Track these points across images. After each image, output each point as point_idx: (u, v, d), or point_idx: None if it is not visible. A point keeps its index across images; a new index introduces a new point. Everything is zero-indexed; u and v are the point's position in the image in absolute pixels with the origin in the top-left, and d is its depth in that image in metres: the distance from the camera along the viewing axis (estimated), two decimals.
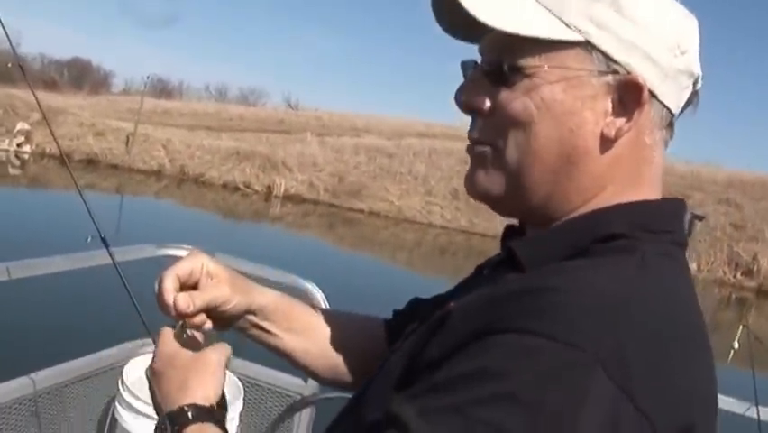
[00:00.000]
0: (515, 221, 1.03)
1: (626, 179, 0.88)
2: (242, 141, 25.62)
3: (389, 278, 14.37)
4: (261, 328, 1.18)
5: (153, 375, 1.03)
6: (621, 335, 0.73)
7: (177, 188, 21.28)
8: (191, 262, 1.10)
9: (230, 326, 1.17)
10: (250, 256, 2.74)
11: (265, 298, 1.18)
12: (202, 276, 1.10)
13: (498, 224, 20.00)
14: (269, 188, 22.07)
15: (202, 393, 0.98)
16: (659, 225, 0.87)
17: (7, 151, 20.28)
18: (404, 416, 0.74)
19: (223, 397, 1.02)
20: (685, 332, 0.79)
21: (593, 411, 0.69)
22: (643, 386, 0.71)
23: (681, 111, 0.91)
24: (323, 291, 2.71)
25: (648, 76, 0.84)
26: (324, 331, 1.23)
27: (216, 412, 0.98)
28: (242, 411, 2.63)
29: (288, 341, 1.20)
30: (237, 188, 21.96)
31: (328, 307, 2.52)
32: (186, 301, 1.05)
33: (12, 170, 19.77)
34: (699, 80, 0.91)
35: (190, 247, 2.76)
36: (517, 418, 0.69)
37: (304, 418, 2.75)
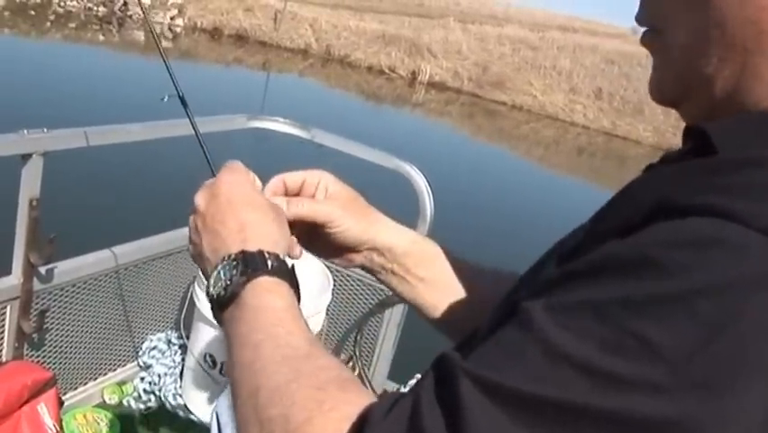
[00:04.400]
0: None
1: None
2: (387, 23, 25.22)
3: (517, 170, 13.95)
4: (391, 271, 1.03)
5: (220, 200, 0.84)
6: None
7: (322, 67, 21.30)
8: (307, 173, 0.96)
9: (338, 256, 1.01)
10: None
11: (393, 237, 1.01)
12: (318, 192, 0.96)
13: (641, 130, 18.93)
14: (414, 74, 21.69)
15: (284, 246, 0.81)
16: None
17: (161, 23, 20.78)
18: (530, 308, 0.53)
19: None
20: None
21: None
22: None
23: None
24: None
25: None
26: (458, 290, 1.03)
27: (295, 277, 0.79)
28: (330, 303, 2.48)
29: (420, 291, 1.03)
30: (382, 72, 21.72)
31: (430, 192, 2.35)
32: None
33: (165, 43, 20.34)
34: None
35: (285, 120, 2.56)
36: (682, 335, 0.45)
37: (395, 314, 2.57)
